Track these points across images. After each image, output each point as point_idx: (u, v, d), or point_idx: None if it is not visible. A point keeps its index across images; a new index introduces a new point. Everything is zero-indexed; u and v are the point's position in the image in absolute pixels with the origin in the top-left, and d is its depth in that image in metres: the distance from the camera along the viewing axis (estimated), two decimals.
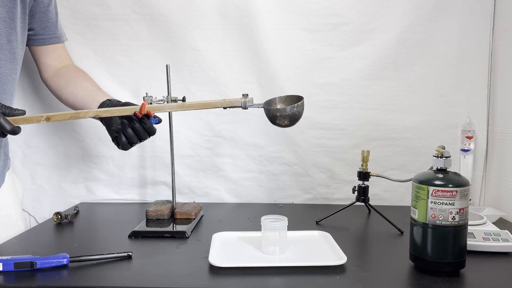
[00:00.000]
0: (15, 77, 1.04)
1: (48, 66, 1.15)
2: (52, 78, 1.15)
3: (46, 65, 1.15)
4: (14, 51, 1.01)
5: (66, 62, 1.18)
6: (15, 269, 0.79)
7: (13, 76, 1.02)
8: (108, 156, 1.36)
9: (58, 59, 1.16)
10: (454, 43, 1.29)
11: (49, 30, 1.11)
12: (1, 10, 0.96)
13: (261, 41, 1.28)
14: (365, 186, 1.13)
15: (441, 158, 0.81)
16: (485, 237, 0.92)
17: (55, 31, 1.13)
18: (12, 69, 1.01)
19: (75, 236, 1.05)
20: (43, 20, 1.09)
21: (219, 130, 1.35)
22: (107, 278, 0.78)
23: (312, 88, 1.31)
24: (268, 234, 0.89)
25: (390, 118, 1.32)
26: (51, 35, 1.12)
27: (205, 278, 0.79)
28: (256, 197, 1.38)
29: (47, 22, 1.10)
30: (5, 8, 0.96)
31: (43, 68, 1.15)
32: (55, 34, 1.13)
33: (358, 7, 1.28)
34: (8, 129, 0.83)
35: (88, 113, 0.90)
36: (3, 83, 0.99)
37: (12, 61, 1.01)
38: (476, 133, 1.30)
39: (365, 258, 0.90)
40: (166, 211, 1.13)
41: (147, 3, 1.28)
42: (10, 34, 0.98)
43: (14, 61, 1.01)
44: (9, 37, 0.98)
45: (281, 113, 0.87)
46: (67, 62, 1.18)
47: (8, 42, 0.99)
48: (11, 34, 0.99)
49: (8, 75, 1.00)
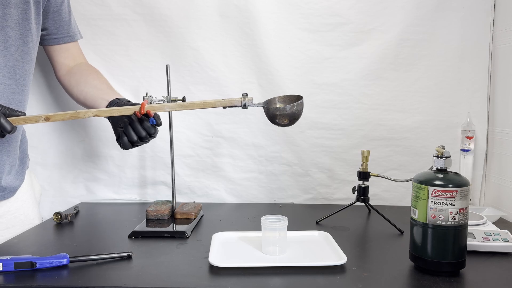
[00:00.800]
0: (31, 78, 1.04)
1: (62, 65, 1.15)
2: (65, 77, 1.15)
3: (60, 63, 1.15)
4: (30, 52, 1.01)
5: (80, 61, 1.18)
6: (15, 269, 0.79)
7: (30, 78, 1.03)
8: (108, 156, 1.36)
9: (71, 58, 1.16)
10: (454, 43, 1.29)
11: (62, 30, 1.11)
12: (15, 12, 0.96)
13: (261, 41, 1.28)
14: (365, 186, 1.13)
15: (441, 158, 0.81)
16: (485, 237, 0.92)
17: (68, 30, 1.13)
18: (29, 70, 1.02)
19: (75, 236, 1.05)
20: (56, 20, 1.09)
21: (219, 130, 1.35)
22: (107, 278, 0.78)
23: (312, 88, 1.31)
24: (268, 234, 0.89)
25: (390, 118, 1.32)
26: (65, 34, 1.12)
27: (205, 278, 0.79)
28: (256, 197, 1.38)
29: (60, 22, 1.10)
30: (18, 10, 0.97)
31: (57, 67, 1.16)
32: (68, 33, 1.13)
33: (358, 7, 1.28)
34: (8, 129, 0.83)
35: (88, 113, 0.90)
36: (22, 84, 1.00)
37: (29, 62, 1.01)
38: (476, 133, 1.30)
39: (365, 258, 0.90)
40: (166, 211, 1.13)
41: (147, 3, 1.28)
42: (25, 35, 0.99)
43: (30, 62, 1.02)
44: (25, 38, 0.99)
45: (281, 112, 0.87)
46: (80, 60, 1.19)
47: (24, 44, 0.99)
48: (27, 35, 0.99)
49: (26, 76, 1.01)
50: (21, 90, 0.99)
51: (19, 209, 1.09)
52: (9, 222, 1.06)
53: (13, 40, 0.96)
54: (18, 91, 0.99)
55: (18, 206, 1.09)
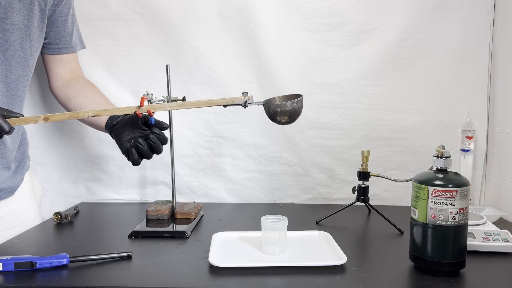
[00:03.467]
0: (26, 83, 1.03)
1: (59, 77, 1.14)
2: (61, 89, 1.14)
3: (57, 75, 1.14)
4: (26, 58, 1.00)
5: (77, 74, 1.18)
6: (15, 269, 0.79)
7: (24, 83, 1.02)
8: (108, 156, 1.35)
9: (69, 71, 1.15)
10: (454, 43, 1.29)
11: (64, 40, 1.10)
12: (18, 17, 0.95)
13: (261, 41, 1.28)
14: (365, 186, 1.13)
15: (441, 158, 0.81)
16: (485, 237, 0.92)
17: (70, 41, 1.12)
18: (23, 75, 1.01)
19: (75, 236, 1.05)
20: (60, 30, 1.08)
21: (219, 130, 1.35)
22: (107, 278, 0.78)
23: (312, 88, 1.31)
24: (268, 234, 0.89)
25: (390, 118, 1.32)
26: (66, 44, 1.12)
27: (205, 278, 0.79)
28: (256, 197, 1.38)
29: (63, 32, 1.09)
30: (21, 15, 0.96)
31: (54, 78, 1.15)
32: (70, 44, 1.12)
33: (358, 7, 1.28)
34: (7, 130, 0.83)
35: (87, 112, 0.90)
36: (13, 89, 0.99)
37: (24, 67, 1.00)
38: (476, 133, 1.30)
39: (365, 258, 0.90)
40: (166, 211, 1.13)
41: (147, 3, 1.28)
42: (24, 41, 0.98)
43: (25, 68, 1.01)
44: (23, 44, 0.98)
45: (281, 108, 0.88)
46: (77, 74, 1.18)
47: (21, 49, 0.98)
48: (25, 41, 0.98)
49: (19, 81, 1.00)
50: (11, 95, 0.98)
51: (20, 210, 1.09)
52: (10, 223, 1.06)
53: (11, 44, 0.95)
54: (8, 95, 0.97)
55: (19, 207, 1.09)
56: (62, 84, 1.15)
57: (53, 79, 1.15)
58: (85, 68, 1.27)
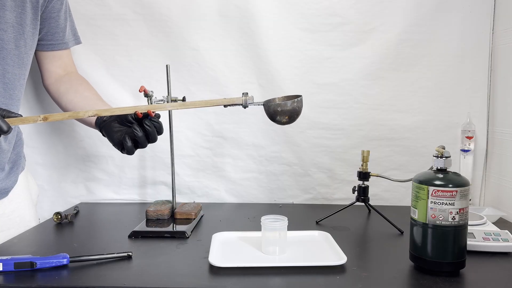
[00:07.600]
0: (22, 82, 1.02)
1: (51, 73, 1.14)
2: (54, 85, 1.14)
3: (50, 71, 1.13)
4: (22, 56, 1.00)
5: (70, 70, 1.17)
6: (15, 269, 0.79)
7: (21, 82, 1.01)
8: (108, 156, 1.36)
9: (62, 67, 1.15)
10: (454, 43, 1.29)
11: (57, 36, 1.10)
12: (10, 16, 0.95)
13: (261, 41, 1.28)
14: (365, 186, 1.13)
15: (441, 158, 0.81)
16: (485, 237, 0.92)
17: (63, 37, 1.11)
18: (19, 74, 1.00)
19: (75, 236, 1.05)
20: (52, 26, 1.08)
21: (219, 130, 1.35)
22: (107, 278, 0.78)
23: (312, 88, 1.31)
24: (268, 234, 0.89)
25: (390, 118, 1.32)
26: (59, 41, 1.11)
27: (205, 278, 0.79)
28: (256, 197, 1.38)
29: (56, 28, 1.09)
30: (13, 13, 0.95)
31: (46, 74, 1.14)
32: (63, 40, 1.12)
33: (358, 7, 1.28)
34: (5, 130, 0.82)
35: (88, 112, 0.90)
36: (11, 88, 0.98)
37: (20, 66, 1.00)
38: (476, 133, 1.30)
39: (365, 258, 0.90)
40: (166, 211, 1.13)
41: (147, 3, 1.27)
42: (18, 39, 0.97)
43: (22, 67, 1.00)
44: (17, 42, 0.97)
45: (282, 107, 0.88)
46: (70, 70, 1.17)
47: (16, 48, 0.97)
48: (19, 39, 0.98)
49: (16, 80, 0.99)
50: (9, 94, 0.98)
51: (14, 211, 1.08)
52: (4, 225, 1.04)
53: (5, 43, 0.95)
54: (6, 95, 0.97)
55: (13, 209, 1.07)
56: (55, 80, 1.14)
57: (45, 75, 1.14)
58: (85, 68, 1.28)
